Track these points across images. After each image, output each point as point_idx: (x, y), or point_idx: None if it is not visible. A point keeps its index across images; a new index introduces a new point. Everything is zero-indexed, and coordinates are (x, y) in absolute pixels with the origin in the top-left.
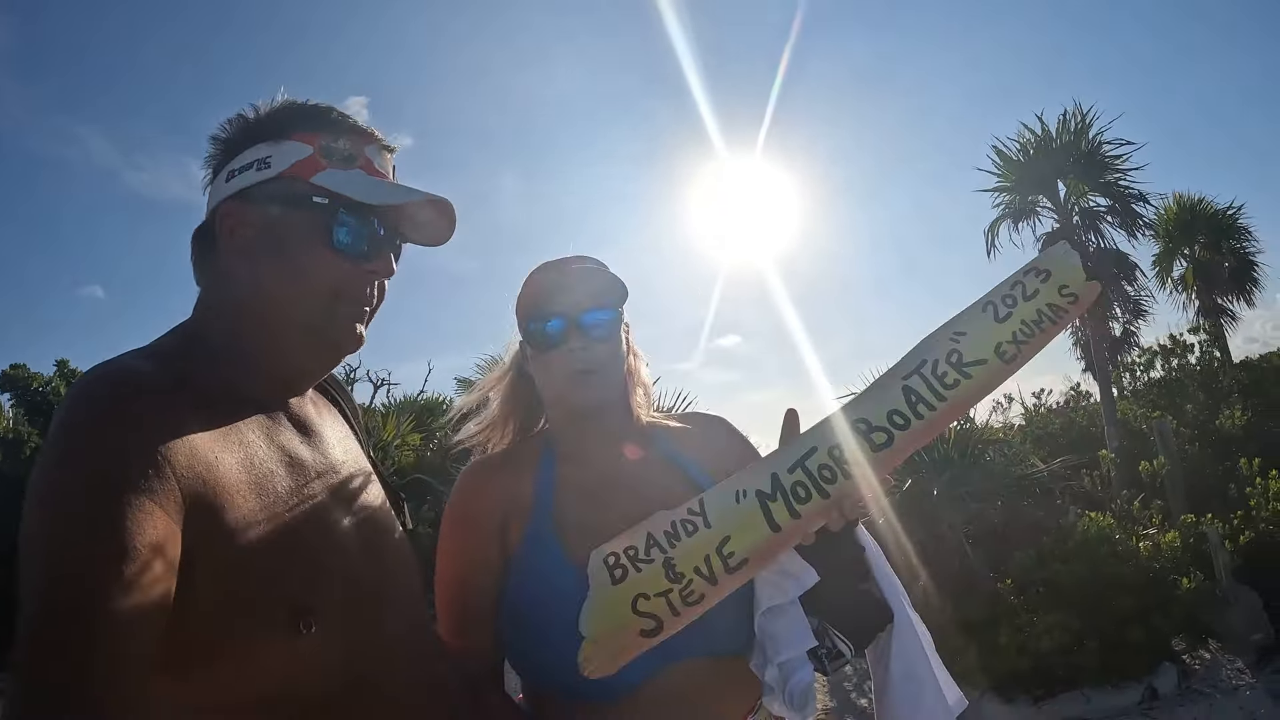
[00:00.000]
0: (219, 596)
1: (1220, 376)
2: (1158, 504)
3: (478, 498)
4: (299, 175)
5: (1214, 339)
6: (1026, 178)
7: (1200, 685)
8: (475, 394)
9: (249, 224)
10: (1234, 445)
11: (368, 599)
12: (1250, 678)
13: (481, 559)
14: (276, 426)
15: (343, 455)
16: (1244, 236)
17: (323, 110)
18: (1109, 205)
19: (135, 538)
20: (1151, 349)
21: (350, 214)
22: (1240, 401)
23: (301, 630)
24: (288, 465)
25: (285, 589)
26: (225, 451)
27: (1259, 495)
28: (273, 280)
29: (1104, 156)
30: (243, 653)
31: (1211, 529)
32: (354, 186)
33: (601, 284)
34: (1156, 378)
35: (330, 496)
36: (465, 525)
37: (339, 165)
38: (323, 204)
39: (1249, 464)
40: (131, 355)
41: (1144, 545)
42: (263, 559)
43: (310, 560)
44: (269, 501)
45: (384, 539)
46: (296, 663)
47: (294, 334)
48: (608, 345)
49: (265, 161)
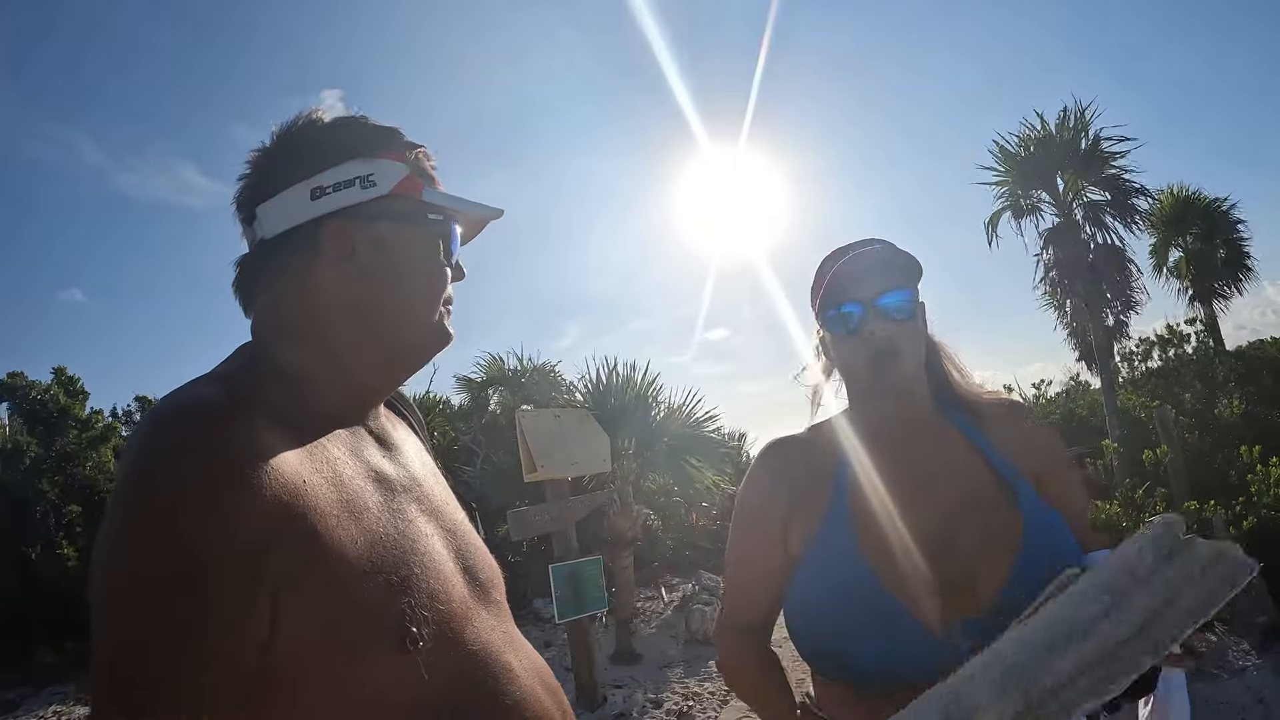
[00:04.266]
0: (320, 622)
1: (1216, 365)
2: (1161, 492)
3: (773, 479)
4: (409, 193)
5: (1209, 329)
6: (1026, 173)
7: (1206, 667)
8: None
9: (365, 240)
10: (1232, 433)
11: (468, 610)
12: (1256, 659)
13: (767, 546)
14: (359, 443)
15: (422, 468)
16: (1235, 230)
17: (394, 129)
18: (1108, 199)
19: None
20: (1149, 339)
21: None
22: (1237, 390)
23: (409, 647)
24: (375, 481)
25: (389, 606)
26: (312, 473)
27: (1260, 482)
28: (397, 293)
29: (1102, 152)
30: (348, 677)
31: (1215, 515)
32: (454, 202)
33: (895, 264)
34: (1154, 367)
35: (419, 509)
36: (754, 511)
37: (427, 183)
38: (438, 220)
39: (1249, 451)
40: (201, 382)
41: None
42: (363, 578)
43: (410, 575)
44: (363, 519)
45: (473, 549)
46: (403, 681)
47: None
48: (906, 326)
49: (369, 179)
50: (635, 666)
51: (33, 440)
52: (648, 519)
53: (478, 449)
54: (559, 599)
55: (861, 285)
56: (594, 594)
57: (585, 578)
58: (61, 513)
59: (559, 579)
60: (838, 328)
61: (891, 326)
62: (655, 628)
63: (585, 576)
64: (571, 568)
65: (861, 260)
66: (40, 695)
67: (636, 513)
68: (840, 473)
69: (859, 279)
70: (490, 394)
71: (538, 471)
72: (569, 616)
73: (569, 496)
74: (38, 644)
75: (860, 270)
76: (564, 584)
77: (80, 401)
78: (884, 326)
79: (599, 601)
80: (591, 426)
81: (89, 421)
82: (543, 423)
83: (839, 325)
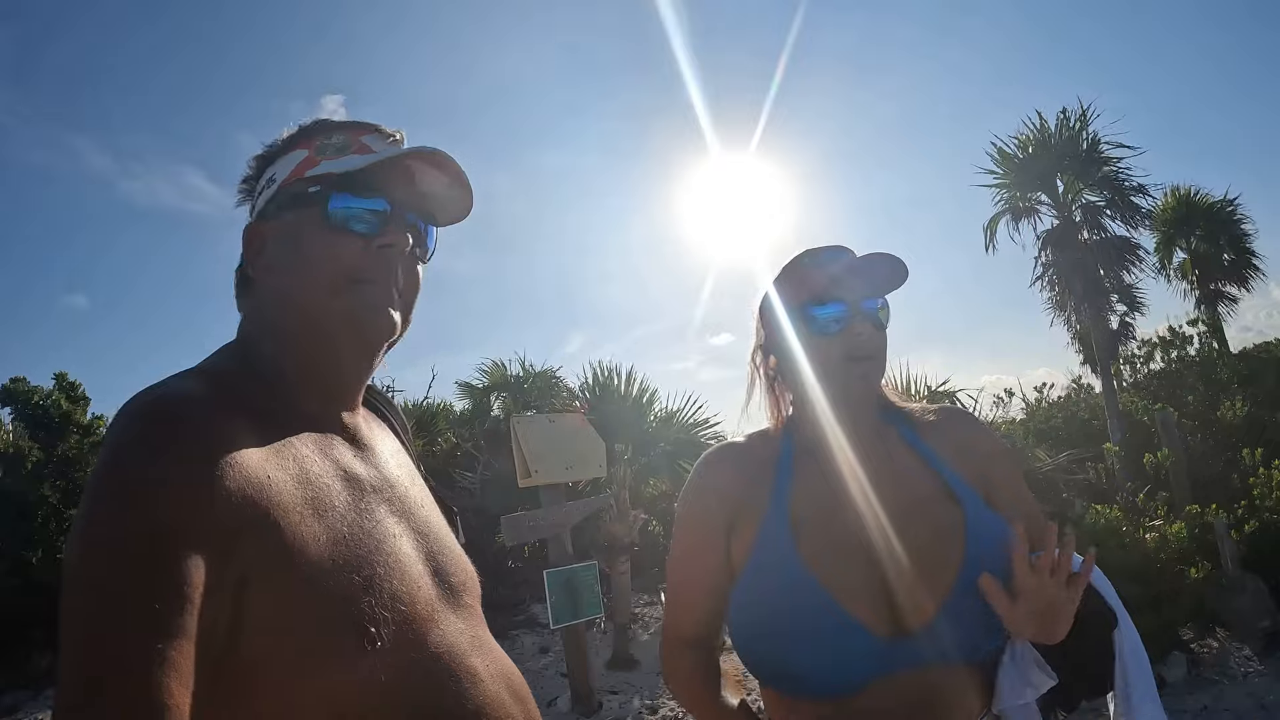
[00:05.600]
0: (280, 619)
1: (1219, 368)
2: (1163, 495)
3: (711, 489)
4: (297, 176)
5: (1212, 330)
6: (1025, 175)
7: (1209, 673)
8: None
9: (265, 238)
10: (1235, 436)
11: (433, 613)
12: (1259, 664)
13: (709, 555)
14: (329, 442)
15: (397, 469)
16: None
17: (320, 120)
18: (1108, 199)
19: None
20: (1151, 341)
21: (346, 191)
22: (1240, 392)
23: (367, 647)
24: (343, 480)
25: (349, 605)
26: (278, 470)
27: (1262, 485)
28: (292, 280)
29: (1101, 154)
30: (305, 674)
31: (1217, 519)
32: (342, 165)
33: (881, 270)
34: (1156, 370)
35: (389, 510)
36: (695, 517)
37: (333, 156)
38: (316, 191)
39: (1251, 454)
40: (178, 377)
41: (1150, 536)
42: (325, 576)
43: (373, 575)
44: (327, 517)
45: (446, 551)
46: (362, 681)
47: (323, 332)
48: (884, 333)
49: (272, 179)
50: (632, 672)
51: (34, 445)
52: (646, 524)
53: (479, 455)
54: (554, 604)
55: (850, 286)
56: (590, 600)
57: (581, 583)
58: (62, 517)
59: (554, 584)
60: (818, 327)
61: (873, 331)
62: (653, 634)
63: (581, 582)
64: (567, 573)
65: (851, 261)
66: (38, 699)
67: (633, 518)
68: (780, 479)
69: (848, 279)
70: (492, 400)
71: (532, 477)
72: (565, 622)
73: (564, 502)
74: (37, 648)
75: (850, 271)
76: (560, 589)
77: (82, 407)
78: (867, 330)
79: (595, 607)
80: (587, 431)
81: (90, 427)
82: (537, 428)
83: (820, 324)
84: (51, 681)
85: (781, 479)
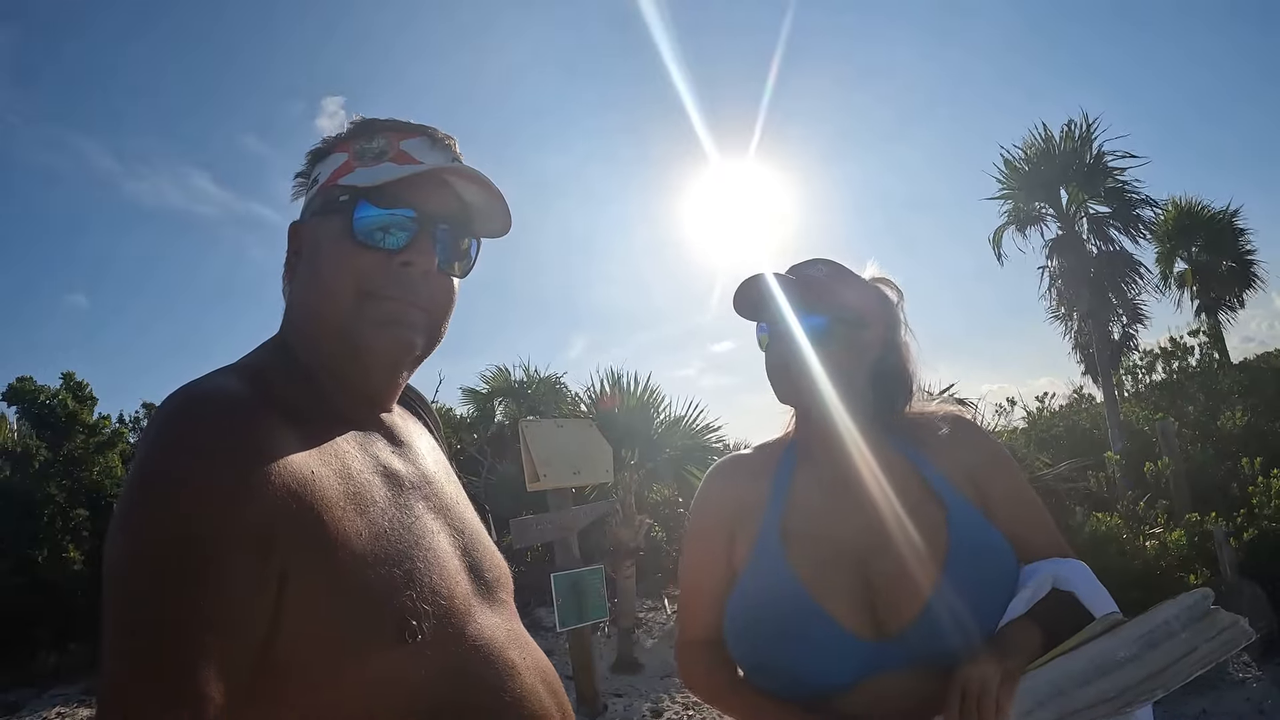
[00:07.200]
0: (321, 612)
1: (1220, 378)
2: (1163, 503)
3: (714, 501)
4: (332, 182)
5: (1213, 340)
6: (1030, 185)
7: (1207, 678)
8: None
9: (303, 239)
10: (1235, 445)
11: (470, 607)
12: (1257, 670)
13: (715, 561)
14: (369, 439)
15: (433, 466)
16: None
17: (367, 120)
18: (1111, 210)
19: (221, 585)
20: (1153, 351)
21: (373, 204)
22: (1240, 402)
23: (407, 640)
24: (383, 476)
25: (390, 599)
26: (320, 465)
27: (1261, 493)
28: (315, 286)
29: (1105, 165)
30: (345, 666)
31: (1216, 527)
32: (371, 177)
33: (811, 290)
34: (1158, 380)
35: (426, 506)
36: (700, 529)
37: (369, 163)
38: (344, 200)
39: (1250, 463)
40: (220, 373)
41: (1150, 544)
42: (366, 569)
43: (413, 569)
44: (369, 512)
45: (481, 547)
46: (401, 673)
47: (345, 343)
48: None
49: (316, 179)
50: (636, 676)
51: (41, 444)
52: (651, 529)
53: (483, 459)
54: (560, 607)
55: (765, 308)
56: (595, 603)
57: (587, 587)
58: (68, 516)
59: (561, 588)
60: (760, 343)
61: (788, 348)
62: (657, 638)
63: (587, 585)
64: (573, 577)
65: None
66: (43, 697)
67: (639, 523)
68: (777, 488)
69: (764, 302)
70: (496, 405)
71: (540, 481)
72: (570, 625)
73: (571, 506)
74: (42, 646)
75: (765, 295)
76: (566, 593)
77: (88, 407)
78: (783, 347)
79: (600, 610)
80: (594, 436)
81: (96, 426)
82: (545, 432)
83: (759, 342)
84: (56, 680)
85: (778, 488)
